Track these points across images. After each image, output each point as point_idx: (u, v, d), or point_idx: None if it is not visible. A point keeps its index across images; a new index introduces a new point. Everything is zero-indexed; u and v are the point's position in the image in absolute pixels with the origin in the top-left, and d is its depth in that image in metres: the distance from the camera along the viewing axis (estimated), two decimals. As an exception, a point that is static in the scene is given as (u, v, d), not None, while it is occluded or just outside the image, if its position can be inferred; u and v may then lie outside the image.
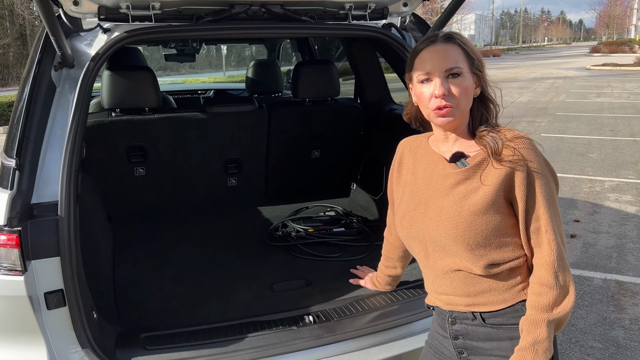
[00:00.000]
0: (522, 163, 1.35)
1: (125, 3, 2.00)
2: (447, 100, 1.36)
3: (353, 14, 2.35)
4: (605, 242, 4.65)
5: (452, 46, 1.39)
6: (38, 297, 1.69)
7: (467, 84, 1.38)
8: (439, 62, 1.37)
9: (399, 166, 1.63)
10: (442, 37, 1.41)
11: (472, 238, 1.37)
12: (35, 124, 1.81)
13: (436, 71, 1.37)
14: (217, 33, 2.22)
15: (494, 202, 1.36)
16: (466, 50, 1.39)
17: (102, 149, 2.82)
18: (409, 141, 1.63)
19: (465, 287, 1.44)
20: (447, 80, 1.36)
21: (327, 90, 3.18)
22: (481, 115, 1.43)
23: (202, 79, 8.86)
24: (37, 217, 1.70)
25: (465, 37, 1.45)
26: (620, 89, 17.38)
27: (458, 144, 1.45)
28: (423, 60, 1.40)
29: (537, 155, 1.38)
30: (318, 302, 2.14)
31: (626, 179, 6.68)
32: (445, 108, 1.36)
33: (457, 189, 1.41)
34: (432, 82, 1.38)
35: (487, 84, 1.44)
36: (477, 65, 1.40)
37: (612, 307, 3.55)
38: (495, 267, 1.40)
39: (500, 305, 1.42)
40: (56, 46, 1.83)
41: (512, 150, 1.35)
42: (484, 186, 1.37)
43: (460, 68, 1.37)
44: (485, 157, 1.39)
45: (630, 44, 46.50)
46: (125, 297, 2.30)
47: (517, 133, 1.40)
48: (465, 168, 1.41)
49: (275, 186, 3.50)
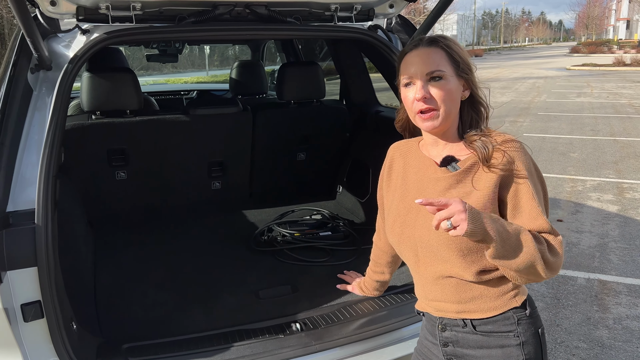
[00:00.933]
0: (512, 166, 1.34)
1: (104, 3, 1.94)
2: (428, 104, 1.35)
3: (339, 15, 2.32)
4: (588, 241, 4.70)
5: (434, 50, 1.38)
6: (14, 309, 1.62)
7: (450, 87, 1.36)
8: (421, 66, 1.36)
9: (389, 171, 1.61)
10: (426, 40, 1.40)
11: (464, 244, 1.35)
12: (11, 128, 1.74)
13: (417, 75, 1.36)
14: (200, 34, 2.17)
15: (487, 206, 1.35)
16: (450, 53, 1.38)
17: (81, 153, 2.75)
18: (399, 145, 1.61)
19: (456, 293, 1.43)
20: (428, 84, 1.36)
21: (312, 91, 3.15)
22: (471, 119, 1.42)
23: (184, 78, 8.77)
24: (12, 226, 1.64)
25: (453, 40, 1.44)
26: (600, 88, 17.66)
27: (448, 147, 1.44)
28: (407, 64, 1.40)
29: (527, 158, 1.37)
30: (305, 309, 2.11)
31: (607, 178, 6.77)
32: (428, 112, 1.35)
33: (449, 193, 1.39)
34: (414, 86, 1.38)
35: (477, 86, 1.43)
36: (463, 68, 1.39)
37: (596, 306, 3.58)
38: (486, 274, 1.39)
39: (491, 313, 1.41)
40: (32, 48, 1.77)
41: (502, 153, 1.35)
42: (476, 191, 1.36)
43: (442, 71, 1.36)
44: (476, 161, 1.38)
45: (609, 44, 47.38)
46: (107, 305, 2.23)
47: (507, 137, 1.39)
48: (457, 172, 1.39)
49: (260, 189, 3.45)
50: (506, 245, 1.24)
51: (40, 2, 1.87)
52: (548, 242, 1.33)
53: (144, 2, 1.99)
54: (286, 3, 2.21)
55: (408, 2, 2.39)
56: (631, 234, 4.85)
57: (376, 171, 3.10)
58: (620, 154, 8.11)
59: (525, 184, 1.34)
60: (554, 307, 3.58)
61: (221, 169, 3.22)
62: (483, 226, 1.20)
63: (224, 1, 2.08)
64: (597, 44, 47.78)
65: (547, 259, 1.30)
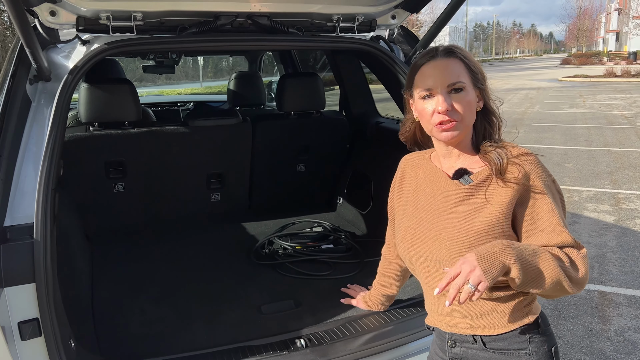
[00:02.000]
0: (529, 182, 1.31)
1: (105, 14, 1.92)
2: (451, 116, 1.32)
3: (341, 26, 2.31)
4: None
5: (453, 60, 1.36)
6: (11, 327, 1.57)
7: (470, 99, 1.34)
8: (441, 78, 1.33)
9: (400, 182, 1.59)
10: (442, 51, 1.37)
11: None
12: (9, 140, 1.70)
13: (438, 87, 1.33)
14: (202, 45, 2.15)
15: (500, 221, 1.32)
16: (468, 64, 1.36)
17: (79, 165, 2.70)
18: (411, 157, 1.58)
19: (467, 308, 1.40)
20: (450, 96, 1.33)
21: (312, 103, 3.13)
22: (484, 130, 1.40)
23: (179, 90, 8.75)
24: (10, 241, 1.59)
25: (467, 50, 1.42)
26: (592, 99, 17.81)
27: (461, 159, 1.41)
28: (424, 75, 1.36)
29: (543, 171, 1.34)
30: (309, 324, 2.06)
31: (603, 188, 6.78)
32: (449, 123, 1.32)
33: (461, 206, 1.36)
34: (435, 98, 1.34)
35: (490, 97, 1.41)
36: (480, 79, 1.37)
37: (597, 318, 3.55)
38: (498, 290, 1.36)
39: (502, 329, 1.37)
40: (32, 58, 1.74)
41: (518, 167, 1.32)
42: (490, 205, 1.33)
43: (463, 82, 1.33)
44: (489, 174, 1.35)
45: (600, 56, 47.93)
46: (105, 322, 2.18)
47: (523, 150, 1.36)
48: (469, 185, 1.36)
49: (260, 201, 3.41)
50: (528, 272, 1.22)
51: (40, 12, 1.84)
52: (571, 258, 1.29)
53: (145, 12, 1.96)
54: (288, 14, 2.19)
55: (410, 13, 2.38)
56: (629, 245, 4.85)
57: (378, 182, 3.12)
58: (615, 164, 8.14)
59: (544, 199, 1.31)
60: (555, 319, 3.55)
61: (220, 181, 3.18)
62: (500, 265, 1.19)
63: (226, 12, 2.07)
64: (587, 55, 48.30)
65: (571, 275, 1.27)
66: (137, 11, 1.94)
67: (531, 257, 1.24)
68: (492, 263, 1.18)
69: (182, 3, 1.95)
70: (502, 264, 1.19)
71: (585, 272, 1.29)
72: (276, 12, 2.14)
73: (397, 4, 2.26)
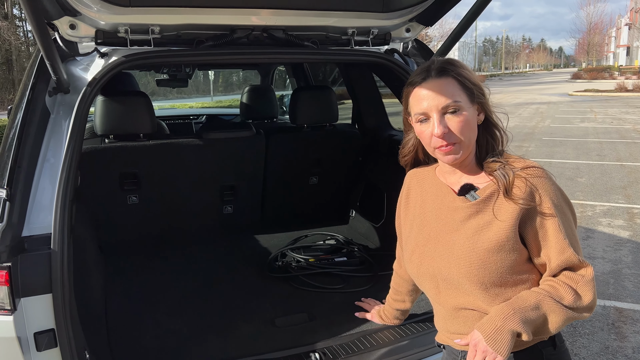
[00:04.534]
0: (535, 197, 1.29)
1: (123, 27, 1.95)
2: (448, 139, 1.29)
3: (355, 39, 2.32)
4: (601, 267, 4.62)
5: (446, 80, 1.31)
6: (27, 338, 1.57)
7: (468, 118, 1.31)
8: (435, 100, 1.30)
9: (406, 198, 1.57)
10: (435, 71, 1.32)
11: (486, 276, 1.30)
12: (28, 151, 1.72)
13: (432, 110, 1.30)
14: (218, 58, 2.16)
15: (510, 237, 1.29)
16: (462, 81, 1.32)
17: (94, 177, 2.72)
18: (415, 172, 1.56)
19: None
20: (445, 118, 1.30)
21: (325, 115, 3.13)
22: (487, 143, 1.38)
23: (190, 103, 8.81)
24: (28, 251, 1.60)
25: (461, 64, 1.37)
26: (604, 114, 17.70)
27: (466, 175, 1.39)
28: (418, 98, 1.33)
29: (552, 185, 1.32)
30: (323, 338, 2.04)
31: (617, 203, 6.70)
32: (447, 146, 1.30)
33: (469, 223, 1.34)
34: (430, 121, 1.31)
35: (491, 110, 1.38)
36: (477, 94, 1.33)
37: (614, 335, 3.49)
38: None
39: (516, 347, 1.34)
40: (51, 71, 1.76)
41: (524, 181, 1.29)
42: (498, 221, 1.30)
43: (458, 102, 1.30)
44: (495, 189, 1.32)
45: (610, 70, 47.75)
46: (119, 334, 2.17)
47: (528, 162, 1.33)
48: (476, 201, 1.34)
49: (272, 213, 3.41)
50: (535, 327, 1.26)
51: (60, 25, 1.87)
52: (575, 290, 1.28)
53: (163, 25, 1.99)
54: (303, 27, 2.21)
55: (424, 27, 2.39)
56: (645, 260, 4.77)
57: (391, 195, 3.10)
58: (628, 179, 8.06)
59: (551, 217, 1.28)
60: (570, 335, 3.49)
61: (233, 193, 3.19)
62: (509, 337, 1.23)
63: (242, 25, 2.08)
64: (598, 70, 48.15)
65: (577, 308, 1.27)
66: (155, 24, 1.97)
67: (534, 312, 1.25)
68: (501, 339, 1.23)
69: (199, 17, 1.97)
70: (510, 334, 1.23)
71: (591, 297, 1.28)
72: (292, 25, 2.16)
73: (411, 17, 2.27)
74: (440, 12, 2.19)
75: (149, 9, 1.86)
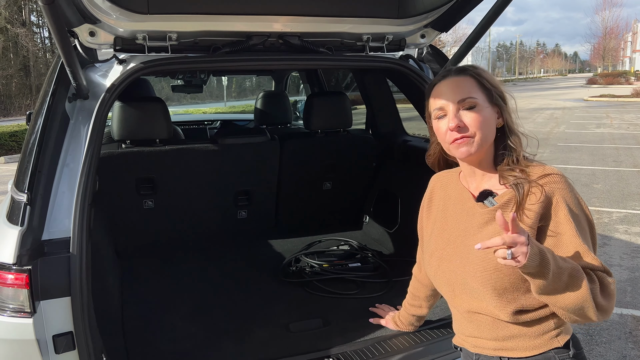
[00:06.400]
0: (551, 202, 1.28)
1: (141, 34, 1.97)
2: (462, 132, 1.31)
3: (370, 45, 2.33)
4: (618, 275, 4.55)
5: (464, 78, 1.35)
6: (46, 341, 1.59)
7: (484, 115, 1.32)
8: (451, 95, 1.33)
9: (429, 202, 1.58)
10: (455, 70, 1.38)
11: (499, 282, 1.29)
12: (48, 156, 1.75)
13: (449, 104, 1.33)
14: (234, 64, 2.18)
15: None
16: (480, 80, 1.35)
17: (110, 182, 2.75)
18: (440, 176, 1.57)
19: (493, 331, 1.37)
20: (461, 112, 1.32)
21: (339, 121, 3.14)
22: (505, 148, 1.37)
23: (203, 109, 8.88)
24: (48, 255, 1.63)
25: (483, 69, 1.40)
26: (620, 119, 17.49)
27: (486, 179, 1.39)
28: (437, 94, 1.37)
29: (568, 192, 1.30)
30: (338, 344, 2.04)
31: (634, 210, 6.61)
32: (461, 138, 1.31)
33: (486, 229, 1.34)
34: (447, 117, 1.34)
35: (511, 115, 1.38)
36: (496, 96, 1.35)
37: (631, 343, 3.43)
38: (524, 314, 1.33)
39: (530, 352, 1.34)
40: (72, 77, 1.79)
41: (540, 188, 1.28)
42: None
43: (474, 99, 1.32)
44: (514, 195, 1.31)
45: (626, 75, 47.20)
46: (135, 337, 2.19)
47: (547, 169, 1.32)
48: (493, 207, 1.33)
49: (286, 218, 3.42)
50: (556, 284, 1.18)
51: (80, 32, 1.90)
52: (602, 282, 1.25)
53: (180, 32, 2.01)
54: (319, 34, 2.22)
55: (439, 33, 2.39)
56: (663, 268, 4.70)
57: (405, 201, 3.10)
58: (646, 185, 7.95)
59: (567, 222, 1.27)
60: (587, 344, 3.44)
61: (247, 198, 3.21)
62: (540, 264, 1.14)
63: (258, 32, 2.10)
64: (614, 75, 47.62)
65: (598, 301, 1.23)
66: (172, 31, 1.99)
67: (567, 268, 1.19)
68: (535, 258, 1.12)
69: (216, 24, 2.00)
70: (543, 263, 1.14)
71: (612, 300, 1.25)
72: (307, 32, 2.17)
73: (426, 23, 2.27)
74: (455, 18, 2.19)
75: (167, 16, 1.89)
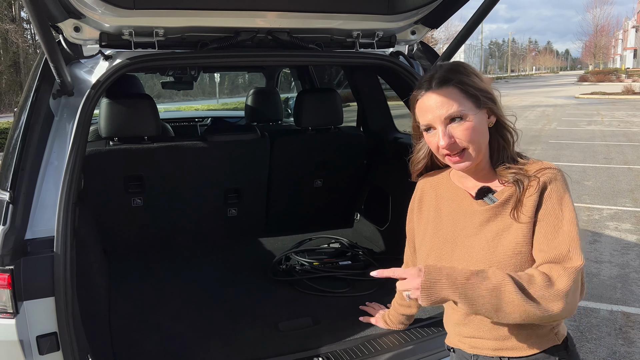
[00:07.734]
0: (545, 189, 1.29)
1: (127, 30, 1.94)
2: (454, 148, 1.29)
3: (360, 42, 2.31)
4: (608, 272, 4.58)
5: (448, 90, 1.30)
6: (29, 342, 1.56)
7: (474, 124, 1.29)
8: (438, 111, 1.29)
9: (419, 204, 1.55)
10: (437, 81, 1.31)
11: None
12: (32, 154, 1.72)
13: (436, 121, 1.30)
14: (222, 60, 2.16)
15: (528, 239, 1.28)
16: (465, 89, 1.30)
17: (98, 179, 2.72)
18: (428, 178, 1.55)
19: (493, 330, 1.36)
20: (450, 127, 1.29)
21: (330, 118, 3.12)
22: (498, 145, 1.37)
23: (195, 106, 8.83)
24: (31, 254, 1.60)
25: (466, 70, 1.34)
26: (610, 117, 17.60)
27: (482, 176, 1.38)
28: (422, 110, 1.34)
29: (561, 184, 1.30)
30: (327, 343, 2.03)
31: (624, 207, 6.65)
32: (455, 156, 1.30)
33: (488, 227, 1.33)
34: (436, 131, 1.31)
35: (501, 112, 1.36)
36: (484, 99, 1.31)
37: (621, 340, 3.45)
38: None
39: (530, 351, 1.34)
40: (55, 73, 1.76)
41: (537, 180, 1.29)
42: (517, 224, 1.30)
43: (462, 110, 1.28)
44: (514, 191, 1.31)
45: (617, 73, 47.49)
46: (122, 337, 2.17)
47: (545, 164, 1.32)
48: (494, 205, 1.33)
49: (277, 216, 3.40)
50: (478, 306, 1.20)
51: (64, 28, 1.87)
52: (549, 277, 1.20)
53: (167, 28, 1.98)
54: (308, 30, 2.20)
55: (430, 29, 2.37)
56: (653, 265, 4.73)
57: (396, 199, 3.08)
58: (636, 182, 7.99)
59: (552, 204, 1.27)
60: (577, 340, 3.45)
61: (237, 196, 3.18)
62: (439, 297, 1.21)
63: (247, 28, 2.08)
64: (605, 72, 47.86)
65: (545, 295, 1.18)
66: (159, 27, 1.96)
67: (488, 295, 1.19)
68: (431, 293, 1.21)
69: (204, 19, 1.97)
70: (440, 297, 1.21)
71: (564, 286, 1.19)
72: (296, 27, 2.15)
73: (417, 19, 2.26)
74: (445, 14, 2.18)
75: (153, 11, 1.85)
